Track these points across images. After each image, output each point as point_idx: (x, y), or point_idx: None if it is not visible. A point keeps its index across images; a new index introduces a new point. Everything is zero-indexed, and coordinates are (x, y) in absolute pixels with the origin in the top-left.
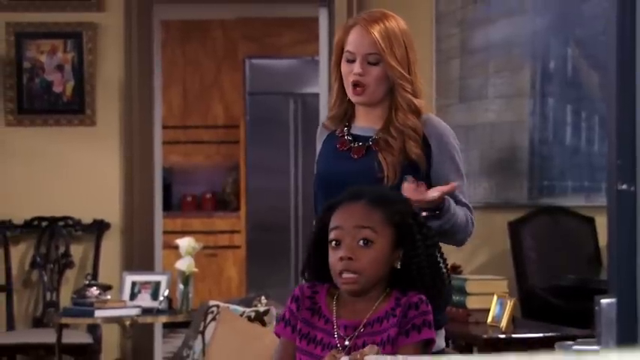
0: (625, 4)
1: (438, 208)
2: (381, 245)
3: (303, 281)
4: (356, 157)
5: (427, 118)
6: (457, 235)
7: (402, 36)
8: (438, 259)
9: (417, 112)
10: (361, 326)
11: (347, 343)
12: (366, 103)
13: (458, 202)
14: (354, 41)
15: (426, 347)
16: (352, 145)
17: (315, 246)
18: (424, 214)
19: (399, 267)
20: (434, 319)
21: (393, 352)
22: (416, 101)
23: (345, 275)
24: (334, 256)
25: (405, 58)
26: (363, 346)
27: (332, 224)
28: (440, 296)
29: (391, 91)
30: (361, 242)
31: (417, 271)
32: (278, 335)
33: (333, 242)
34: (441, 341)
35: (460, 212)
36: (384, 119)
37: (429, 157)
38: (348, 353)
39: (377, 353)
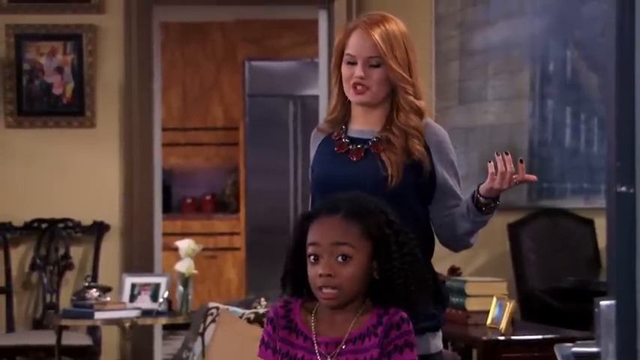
0: (624, 6)
1: (498, 198)
2: (359, 259)
3: (283, 293)
4: (354, 159)
5: (426, 124)
6: (475, 235)
7: (402, 38)
8: (414, 266)
9: (419, 112)
10: (343, 343)
11: None
12: (367, 103)
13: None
14: (355, 44)
15: None
16: (350, 147)
17: (294, 255)
18: (483, 207)
19: (377, 277)
20: (433, 321)
21: None
22: (417, 102)
23: (325, 290)
24: (313, 271)
25: (405, 61)
26: None
27: (310, 238)
28: (417, 305)
29: (392, 93)
30: (339, 258)
31: (392, 281)
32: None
33: (312, 257)
34: (438, 342)
35: None
36: (382, 122)
37: (430, 162)
38: None
39: None
